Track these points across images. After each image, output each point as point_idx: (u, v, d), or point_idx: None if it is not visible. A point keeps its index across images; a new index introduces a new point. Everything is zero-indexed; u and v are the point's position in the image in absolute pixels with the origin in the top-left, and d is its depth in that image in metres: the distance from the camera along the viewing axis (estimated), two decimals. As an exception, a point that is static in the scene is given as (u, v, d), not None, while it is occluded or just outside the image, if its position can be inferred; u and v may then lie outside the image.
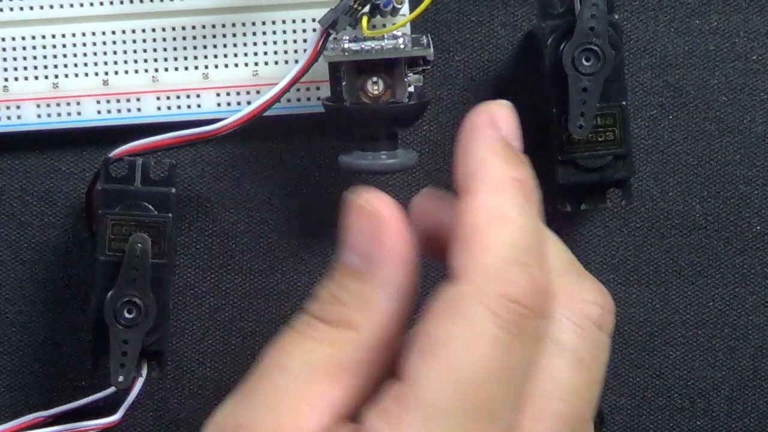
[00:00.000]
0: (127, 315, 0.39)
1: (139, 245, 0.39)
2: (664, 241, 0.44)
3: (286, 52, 0.42)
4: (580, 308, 0.34)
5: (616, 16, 0.40)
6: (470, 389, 0.31)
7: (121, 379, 0.39)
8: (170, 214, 0.39)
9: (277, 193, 0.43)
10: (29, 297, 0.43)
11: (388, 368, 0.33)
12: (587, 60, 0.39)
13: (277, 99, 0.39)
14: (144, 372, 0.40)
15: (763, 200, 0.43)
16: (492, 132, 0.34)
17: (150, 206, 0.39)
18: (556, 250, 0.35)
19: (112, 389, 0.41)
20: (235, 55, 0.42)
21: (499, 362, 0.31)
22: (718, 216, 0.43)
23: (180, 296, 0.43)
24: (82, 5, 0.42)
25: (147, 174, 0.39)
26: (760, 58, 0.43)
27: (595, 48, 0.39)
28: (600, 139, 0.40)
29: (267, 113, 0.40)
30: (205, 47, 0.42)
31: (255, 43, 0.42)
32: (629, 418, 0.44)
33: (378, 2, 0.39)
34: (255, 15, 0.42)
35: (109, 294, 0.39)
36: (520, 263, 0.32)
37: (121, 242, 0.39)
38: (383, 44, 0.39)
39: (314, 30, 0.41)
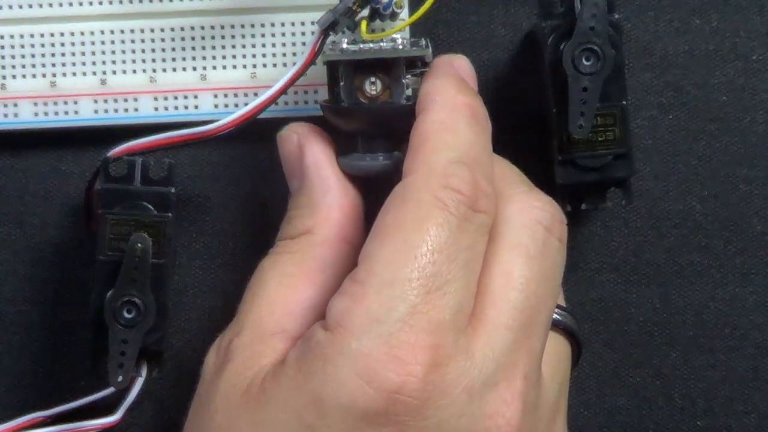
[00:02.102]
0: (126, 315, 0.39)
1: (140, 245, 0.39)
2: (664, 241, 0.44)
3: (284, 54, 0.42)
4: (528, 211, 0.37)
5: (616, 16, 0.40)
6: (421, 263, 0.34)
7: (120, 379, 0.39)
8: (170, 214, 0.39)
9: (277, 192, 0.43)
10: (29, 297, 0.43)
11: (354, 265, 0.35)
12: (587, 60, 0.39)
13: (274, 99, 0.39)
14: (143, 372, 0.40)
15: (764, 200, 0.43)
16: (450, 69, 0.38)
17: (150, 206, 0.39)
18: (506, 167, 0.39)
19: (111, 389, 0.41)
20: (234, 57, 0.42)
21: (446, 240, 0.34)
22: (718, 216, 0.43)
23: (180, 296, 0.43)
24: (81, 4, 0.42)
25: (146, 173, 0.39)
26: (760, 58, 0.43)
27: (595, 48, 0.39)
28: (600, 139, 0.40)
29: (265, 116, 0.40)
30: (203, 48, 0.42)
31: (253, 45, 0.42)
32: (629, 418, 0.44)
33: (377, 6, 0.39)
34: (254, 17, 0.42)
35: (108, 294, 0.39)
36: (462, 163, 0.35)
37: (121, 242, 0.39)
38: (381, 44, 0.39)
39: (312, 33, 0.41)
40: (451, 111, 0.37)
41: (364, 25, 0.39)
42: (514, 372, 0.34)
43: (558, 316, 0.38)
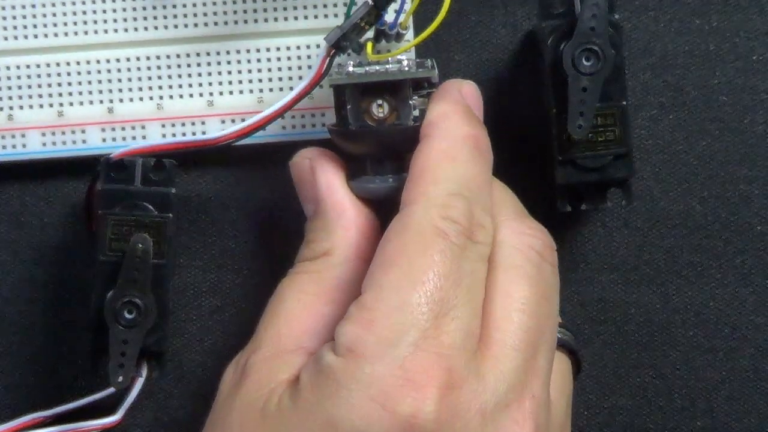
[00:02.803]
0: (127, 315, 0.39)
1: (140, 245, 0.39)
2: (664, 241, 0.44)
3: (290, 78, 0.42)
4: (520, 237, 0.37)
5: (616, 16, 0.40)
6: (428, 288, 0.34)
7: (120, 379, 0.39)
8: (170, 214, 0.39)
9: (277, 193, 0.43)
10: (29, 297, 0.43)
11: None
12: (587, 60, 0.39)
13: (280, 114, 0.39)
14: (144, 372, 0.40)
15: (763, 200, 0.43)
16: (458, 96, 0.39)
17: (150, 206, 0.39)
18: (503, 192, 0.39)
19: (111, 389, 0.41)
20: (240, 82, 0.42)
21: (450, 267, 0.35)
22: (718, 216, 0.43)
23: (180, 296, 0.43)
24: (86, 33, 0.42)
25: (147, 174, 0.39)
26: (760, 58, 0.43)
27: (595, 48, 0.39)
28: (600, 139, 0.40)
29: (272, 141, 0.41)
30: (209, 74, 0.42)
31: (259, 70, 0.42)
32: (629, 418, 0.44)
33: (383, 27, 0.40)
34: (258, 42, 0.42)
35: (109, 294, 0.39)
36: (461, 196, 0.36)
37: (121, 242, 0.39)
38: (388, 67, 0.39)
39: (318, 56, 0.41)
40: (454, 141, 0.37)
41: (369, 46, 0.39)
42: (523, 393, 0.35)
43: (558, 335, 0.38)
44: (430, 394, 0.33)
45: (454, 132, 0.37)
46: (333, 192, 0.39)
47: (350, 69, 0.39)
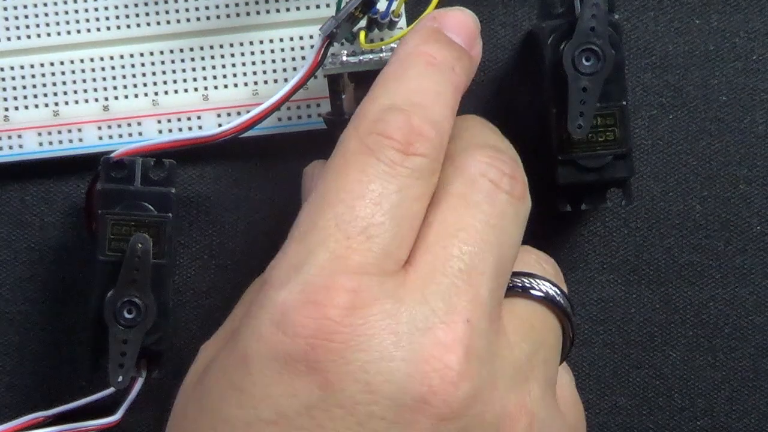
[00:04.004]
0: (126, 315, 0.39)
1: (140, 245, 0.39)
2: (664, 241, 0.44)
3: (284, 70, 0.42)
4: (476, 165, 0.35)
5: (616, 16, 0.40)
6: (339, 210, 0.33)
7: (120, 379, 0.39)
8: (170, 214, 0.39)
9: (278, 193, 0.43)
10: (29, 297, 0.43)
11: None
12: (587, 60, 0.39)
13: (278, 106, 0.39)
14: (144, 372, 0.40)
15: (763, 200, 0.43)
16: (428, 22, 0.37)
17: (150, 206, 0.39)
18: (476, 123, 0.37)
19: (111, 389, 0.41)
20: (234, 75, 0.42)
21: (367, 185, 0.33)
22: (718, 216, 0.43)
23: (180, 296, 0.43)
24: (78, 32, 0.42)
25: (147, 174, 0.39)
26: (760, 58, 0.43)
27: (595, 48, 0.39)
28: (600, 139, 0.40)
29: (267, 133, 0.41)
30: (203, 69, 0.42)
31: (253, 63, 0.42)
32: (629, 418, 0.44)
33: (375, 16, 0.39)
34: (251, 34, 0.42)
35: (109, 294, 0.39)
36: (396, 108, 0.34)
37: (121, 242, 0.39)
38: (382, 55, 0.39)
39: (312, 47, 0.41)
40: (402, 60, 0.35)
41: (362, 35, 0.39)
42: (452, 317, 0.33)
43: (544, 288, 0.37)
44: (330, 313, 0.32)
45: (405, 52, 0.36)
46: None
47: (344, 58, 0.39)
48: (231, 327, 0.36)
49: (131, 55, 0.42)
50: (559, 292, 0.37)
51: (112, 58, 0.42)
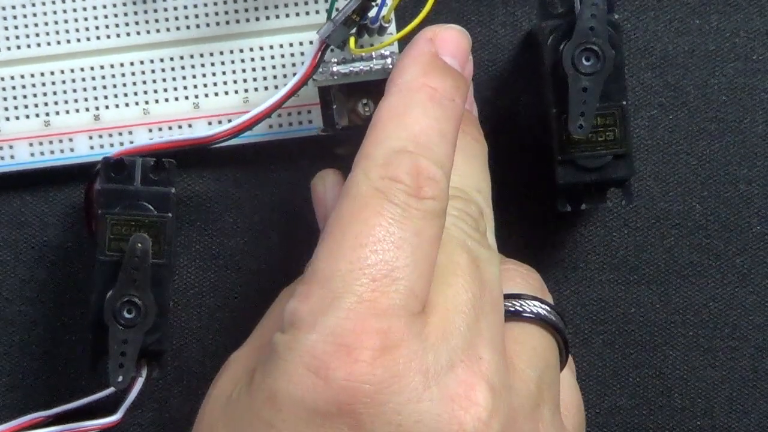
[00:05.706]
0: (126, 315, 0.39)
1: (140, 245, 0.39)
2: (664, 241, 0.44)
3: (275, 77, 0.42)
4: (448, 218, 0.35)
5: (616, 16, 0.40)
6: (362, 253, 0.33)
7: (120, 379, 0.39)
8: (170, 214, 0.39)
9: (277, 193, 0.43)
10: (29, 297, 0.43)
11: None
12: (587, 60, 0.39)
13: (274, 109, 0.39)
14: (143, 372, 0.40)
15: (763, 200, 0.43)
16: (425, 46, 0.36)
17: (150, 206, 0.39)
18: (471, 167, 0.38)
19: (111, 389, 0.41)
20: (225, 83, 0.42)
21: (388, 229, 0.33)
22: (718, 216, 0.43)
23: (180, 296, 0.43)
24: (69, 42, 0.42)
25: (147, 174, 0.39)
26: (760, 58, 0.43)
27: (595, 48, 0.39)
28: (600, 139, 0.40)
29: (259, 140, 0.41)
30: (194, 77, 0.42)
31: (243, 70, 0.42)
32: (629, 418, 0.44)
33: (365, 22, 0.39)
34: (241, 42, 0.42)
35: (108, 294, 0.39)
36: (405, 152, 0.34)
37: (121, 242, 0.39)
38: (372, 65, 0.39)
39: (302, 54, 0.41)
40: (404, 95, 0.35)
41: (352, 41, 0.39)
42: (471, 354, 0.34)
43: (535, 309, 0.37)
44: (362, 356, 0.32)
45: (407, 85, 0.35)
46: None
47: (334, 68, 0.39)
48: (260, 341, 0.37)
49: (121, 65, 0.42)
50: (549, 309, 0.38)
51: (102, 67, 0.42)
